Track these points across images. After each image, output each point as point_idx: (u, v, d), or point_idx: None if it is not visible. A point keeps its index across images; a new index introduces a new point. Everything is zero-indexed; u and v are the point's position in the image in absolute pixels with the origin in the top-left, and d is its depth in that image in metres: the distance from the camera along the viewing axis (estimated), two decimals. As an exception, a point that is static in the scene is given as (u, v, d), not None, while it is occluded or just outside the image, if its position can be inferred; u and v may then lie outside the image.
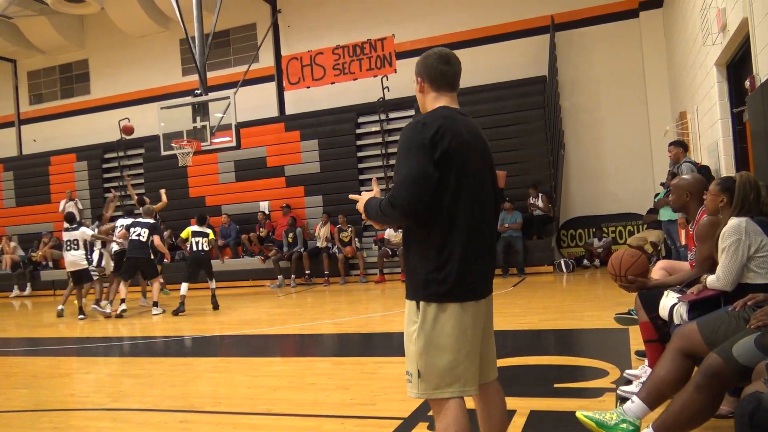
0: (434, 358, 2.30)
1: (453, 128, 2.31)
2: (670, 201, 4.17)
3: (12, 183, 18.60)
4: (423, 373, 2.32)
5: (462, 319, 2.32)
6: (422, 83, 2.49)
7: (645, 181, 12.96)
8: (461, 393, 2.32)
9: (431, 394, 2.33)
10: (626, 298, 6.96)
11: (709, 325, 2.93)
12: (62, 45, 18.68)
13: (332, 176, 14.84)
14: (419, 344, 2.32)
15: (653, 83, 13.24)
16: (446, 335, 2.30)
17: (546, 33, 13.85)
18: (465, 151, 2.33)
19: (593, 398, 3.85)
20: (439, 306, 2.31)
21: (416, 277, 2.35)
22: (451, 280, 2.29)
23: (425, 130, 2.28)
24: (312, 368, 5.54)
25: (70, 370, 6.31)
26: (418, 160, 2.24)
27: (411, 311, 2.37)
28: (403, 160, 2.28)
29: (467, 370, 2.33)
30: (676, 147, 7.89)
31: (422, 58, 2.51)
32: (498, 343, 2.67)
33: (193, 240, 10.48)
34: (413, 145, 2.27)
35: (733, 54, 7.06)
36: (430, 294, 2.31)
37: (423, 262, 2.33)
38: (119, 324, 9.49)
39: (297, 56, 14.94)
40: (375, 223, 2.51)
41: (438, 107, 2.42)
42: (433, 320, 2.31)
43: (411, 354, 2.36)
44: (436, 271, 2.30)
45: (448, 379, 2.30)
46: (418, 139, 2.27)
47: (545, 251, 12.35)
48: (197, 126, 12.63)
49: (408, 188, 2.22)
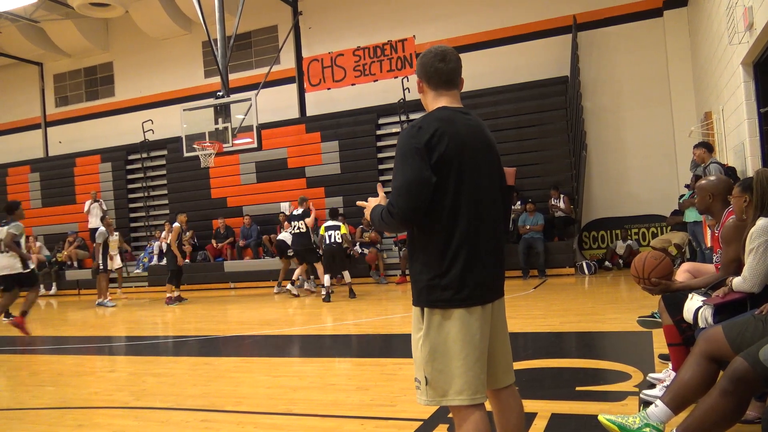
0: (441, 365, 2.26)
1: (450, 130, 2.26)
2: (696, 202, 4.10)
3: (38, 184, 18.93)
4: (430, 380, 2.28)
5: (468, 324, 2.27)
6: (421, 83, 2.44)
7: (669, 182, 12.79)
8: (471, 401, 2.26)
9: (439, 401, 2.29)
10: (649, 300, 6.88)
11: (734, 329, 2.88)
12: (87, 48, 18.97)
13: (352, 177, 14.87)
14: (425, 351, 2.28)
15: (677, 83, 13.05)
16: (452, 341, 2.26)
17: (568, 33, 13.73)
18: (465, 152, 2.28)
19: (616, 402, 3.80)
20: (443, 312, 2.27)
21: (420, 283, 2.31)
22: (454, 285, 2.25)
23: (420, 134, 2.23)
24: (332, 369, 5.55)
25: (95, 368, 6.40)
26: (413, 165, 2.20)
27: (416, 317, 2.34)
28: (399, 167, 2.24)
29: (476, 377, 2.27)
30: (700, 148, 7.79)
31: (419, 58, 2.45)
32: (519, 345, 2.65)
33: (326, 234, 10.96)
34: (408, 151, 2.22)
35: (760, 53, 6.93)
36: (434, 300, 2.27)
37: (426, 267, 2.29)
38: (142, 324, 9.59)
39: (318, 58, 15.01)
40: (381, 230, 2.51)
41: (436, 108, 2.37)
42: (438, 326, 2.27)
43: (418, 361, 2.32)
44: (439, 276, 2.26)
45: (456, 386, 2.26)
46: (413, 144, 2.22)
47: (567, 253, 12.24)
48: (219, 127, 12.75)
49: (404, 195, 2.19)
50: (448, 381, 2.26)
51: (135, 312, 11.41)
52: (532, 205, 12.21)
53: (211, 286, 14.94)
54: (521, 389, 4.13)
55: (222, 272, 15.01)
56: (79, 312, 12.09)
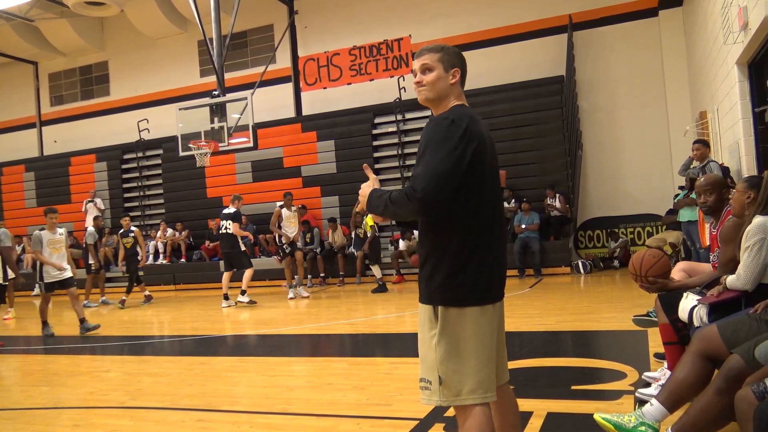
0: (456, 365, 2.24)
1: (477, 129, 2.25)
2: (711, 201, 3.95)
3: (33, 183, 18.88)
4: (444, 380, 2.25)
5: (481, 322, 2.27)
6: (457, 72, 2.38)
7: (664, 181, 12.82)
8: (483, 399, 2.26)
9: (453, 401, 2.26)
10: (644, 299, 6.90)
11: (729, 328, 2.89)
12: (82, 47, 18.91)
13: (348, 177, 14.85)
14: (440, 350, 2.25)
15: (673, 83, 13.09)
16: (466, 340, 2.24)
17: (564, 32, 13.75)
18: (486, 152, 2.28)
19: (611, 400, 3.81)
20: (459, 310, 2.25)
21: (434, 281, 2.28)
22: (470, 283, 2.25)
23: (454, 128, 2.21)
24: (328, 368, 5.55)
25: (90, 368, 6.38)
26: (450, 155, 2.16)
27: (428, 316, 2.30)
28: (427, 155, 2.17)
29: (488, 376, 2.28)
30: (704, 146, 7.77)
31: (456, 52, 2.39)
32: (515, 344, 2.66)
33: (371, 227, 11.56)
34: (441, 140, 2.18)
35: (755, 53, 6.96)
36: (449, 298, 2.25)
37: (441, 265, 2.26)
38: (137, 323, 9.57)
39: (314, 57, 15.00)
40: (377, 217, 2.39)
41: (460, 105, 2.36)
42: (453, 325, 2.25)
43: (430, 361, 2.28)
44: (455, 274, 2.24)
45: (469, 385, 2.24)
46: (446, 136, 2.19)
47: (562, 252, 12.26)
48: (215, 127, 12.73)
49: (433, 182, 2.13)
50: (462, 380, 2.24)
51: (132, 312, 11.37)
52: (527, 204, 12.22)
53: (207, 285, 14.91)
54: (517, 388, 4.15)
55: (218, 272, 14.93)
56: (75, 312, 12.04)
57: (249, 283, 10.77)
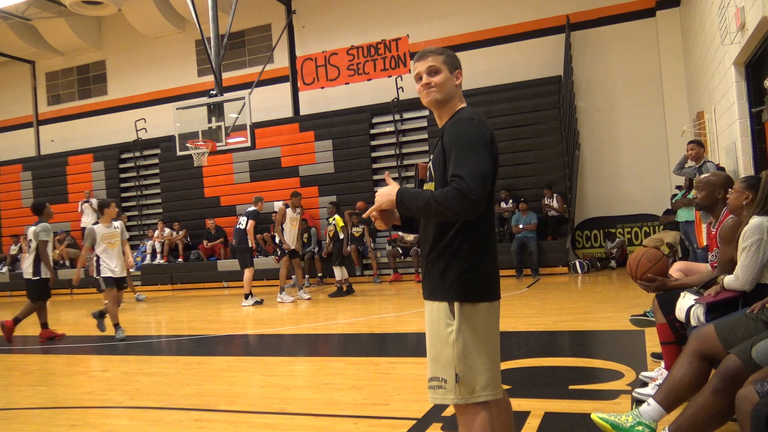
0: (473, 361, 2.23)
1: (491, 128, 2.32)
2: (701, 198, 3.98)
3: (30, 183, 18.85)
4: (462, 377, 2.22)
5: (491, 318, 2.30)
6: (461, 76, 2.41)
7: (661, 182, 12.85)
8: (494, 395, 2.26)
9: (468, 398, 2.23)
10: (641, 299, 6.91)
11: (726, 328, 2.90)
12: (80, 46, 18.88)
13: (346, 176, 14.87)
14: (458, 347, 2.22)
15: (670, 83, 13.12)
16: (480, 335, 2.25)
17: (561, 33, 13.77)
18: (496, 151, 2.33)
19: (608, 400, 3.82)
20: (473, 306, 2.25)
21: (448, 277, 2.26)
22: (483, 278, 2.27)
23: (482, 128, 2.24)
24: (326, 368, 5.55)
25: (87, 368, 6.38)
26: (484, 157, 2.18)
27: (442, 313, 2.26)
28: (470, 155, 2.16)
29: (497, 372, 2.30)
30: (698, 146, 7.78)
31: (455, 54, 2.43)
32: (512, 344, 2.66)
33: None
34: (478, 140, 2.20)
35: (752, 53, 6.97)
36: (465, 294, 2.24)
37: (457, 261, 2.26)
38: (135, 323, 9.56)
39: (311, 57, 14.99)
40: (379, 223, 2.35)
41: (468, 106, 2.38)
42: (469, 321, 2.24)
43: (446, 358, 2.24)
44: (471, 269, 2.25)
45: (482, 381, 2.24)
46: (481, 135, 2.21)
47: (560, 252, 12.28)
48: (212, 126, 12.73)
49: (479, 184, 2.12)
50: (476, 377, 2.23)
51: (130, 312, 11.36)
52: (525, 204, 12.23)
53: (205, 285, 14.92)
54: (515, 388, 4.16)
55: (215, 271, 15.00)
56: (72, 311, 12.04)
57: (251, 283, 10.76)
